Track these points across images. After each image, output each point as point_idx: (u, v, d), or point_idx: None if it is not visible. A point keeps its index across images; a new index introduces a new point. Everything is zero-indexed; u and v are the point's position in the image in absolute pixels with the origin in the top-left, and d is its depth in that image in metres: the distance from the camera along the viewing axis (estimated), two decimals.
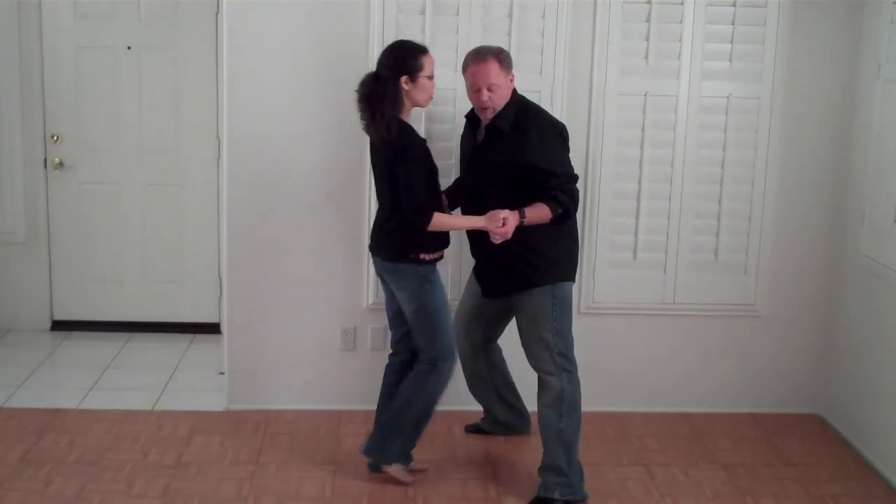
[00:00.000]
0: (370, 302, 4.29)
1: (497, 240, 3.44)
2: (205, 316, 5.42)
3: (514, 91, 3.62)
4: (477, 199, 3.61)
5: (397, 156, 3.44)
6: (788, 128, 4.27)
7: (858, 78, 4.22)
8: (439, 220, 3.46)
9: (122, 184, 5.31)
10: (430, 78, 3.51)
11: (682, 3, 4.13)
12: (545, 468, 3.65)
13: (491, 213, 3.45)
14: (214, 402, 4.41)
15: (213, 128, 5.20)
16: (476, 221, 3.51)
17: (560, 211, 3.48)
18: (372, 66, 4.05)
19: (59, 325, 5.43)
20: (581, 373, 3.67)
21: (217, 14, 4.94)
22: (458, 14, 4.07)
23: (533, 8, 4.09)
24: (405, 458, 3.73)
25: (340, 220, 4.24)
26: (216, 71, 5.04)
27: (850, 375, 4.27)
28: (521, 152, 3.49)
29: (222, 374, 4.46)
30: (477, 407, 4.31)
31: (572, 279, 3.71)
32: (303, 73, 4.11)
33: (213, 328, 5.37)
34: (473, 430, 4.22)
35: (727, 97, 4.21)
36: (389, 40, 4.04)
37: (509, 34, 4.09)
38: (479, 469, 3.89)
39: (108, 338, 5.29)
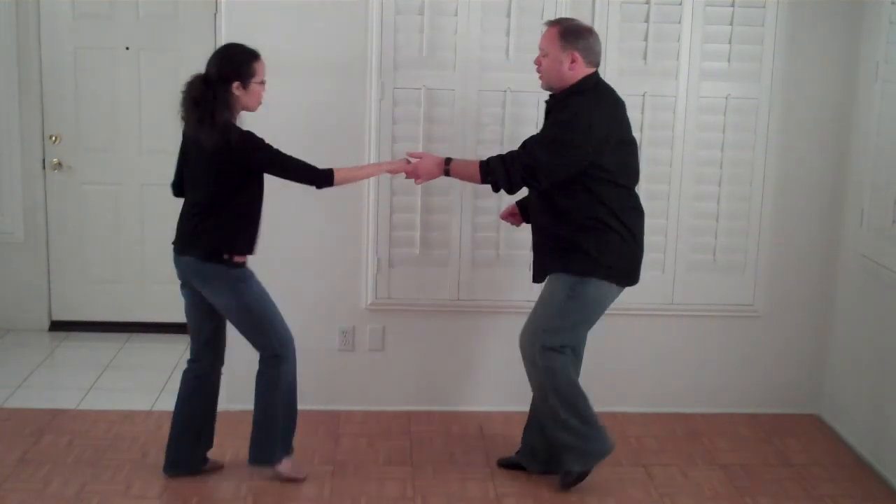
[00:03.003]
0: (368, 302, 4.29)
1: (417, 180, 3.55)
2: None
3: (587, 79, 3.44)
4: None
5: (250, 150, 3.37)
6: (787, 128, 4.27)
7: (857, 78, 4.22)
8: (342, 174, 3.51)
9: (121, 184, 5.31)
10: (262, 84, 3.45)
11: (680, 4, 4.13)
12: (558, 449, 3.63)
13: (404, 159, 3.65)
14: None
15: None
16: (379, 166, 3.84)
17: (488, 179, 3.36)
18: (371, 66, 4.08)
19: (57, 326, 5.42)
20: (580, 373, 3.67)
21: (216, 14, 4.92)
22: (456, 14, 4.07)
23: (532, 8, 4.09)
24: (289, 451, 3.68)
25: (338, 220, 4.24)
26: None
27: (849, 376, 4.28)
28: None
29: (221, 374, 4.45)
30: (474, 407, 4.32)
31: (614, 281, 3.52)
32: (301, 74, 4.11)
33: None
34: (508, 465, 3.87)
35: (726, 97, 4.22)
36: (388, 40, 4.07)
37: (508, 34, 4.09)
38: (479, 469, 3.89)
39: (107, 338, 5.28)
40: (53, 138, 5.24)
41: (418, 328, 4.34)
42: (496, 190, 3.44)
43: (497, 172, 3.35)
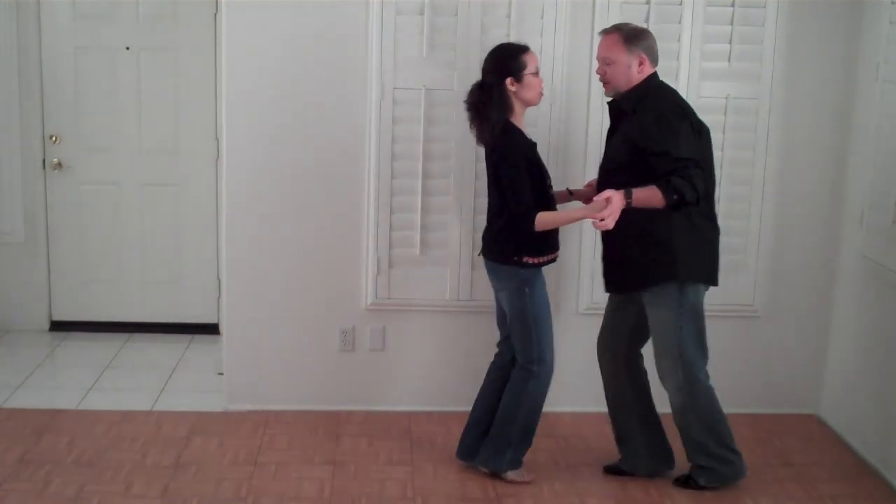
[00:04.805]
0: (369, 302, 4.29)
1: (601, 224, 3.20)
2: (203, 316, 5.42)
3: (651, 78, 3.51)
4: (604, 185, 3.44)
5: (500, 159, 3.49)
6: (787, 128, 4.27)
7: (857, 78, 4.22)
8: (542, 219, 3.46)
9: (121, 184, 5.31)
10: (536, 74, 3.52)
11: (680, 4, 4.13)
12: (692, 462, 3.73)
13: (593, 201, 3.35)
14: (213, 402, 4.41)
15: (212, 128, 5.20)
16: (578, 212, 3.46)
17: (675, 197, 3.24)
18: (371, 66, 4.08)
19: (57, 326, 5.42)
20: (580, 373, 3.68)
21: (216, 14, 4.94)
22: (456, 15, 4.07)
23: (532, 8, 4.09)
24: (517, 465, 3.75)
25: (339, 220, 4.24)
26: (215, 71, 5.04)
27: (849, 376, 4.28)
28: (637, 134, 3.40)
29: (221, 374, 4.46)
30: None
31: (702, 280, 3.56)
32: (301, 74, 4.11)
33: (211, 329, 5.37)
34: (613, 471, 3.89)
35: (726, 98, 4.21)
36: (388, 40, 4.07)
37: (508, 35, 4.09)
38: (479, 469, 3.89)
39: (107, 338, 5.28)
40: (53, 138, 5.24)
41: (418, 328, 4.34)
42: (680, 206, 3.31)
43: (682, 186, 3.26)
